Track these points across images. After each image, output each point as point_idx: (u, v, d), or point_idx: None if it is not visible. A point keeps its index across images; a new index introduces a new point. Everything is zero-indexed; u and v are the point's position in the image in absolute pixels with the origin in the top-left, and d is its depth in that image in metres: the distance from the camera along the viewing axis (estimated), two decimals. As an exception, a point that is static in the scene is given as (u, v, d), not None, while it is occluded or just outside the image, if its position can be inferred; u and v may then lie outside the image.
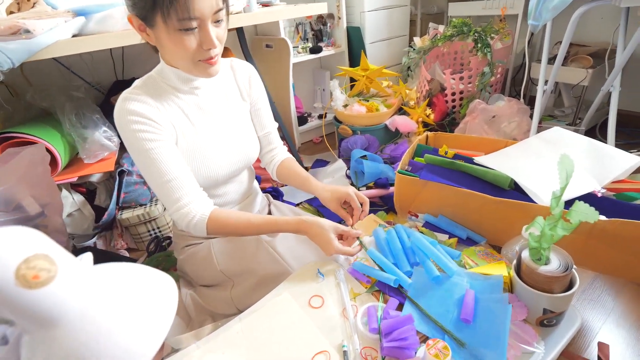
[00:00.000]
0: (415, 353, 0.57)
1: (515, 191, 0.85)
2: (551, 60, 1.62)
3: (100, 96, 1.58)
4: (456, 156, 1.01)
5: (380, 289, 0.72)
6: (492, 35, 1.68)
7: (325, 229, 0.76)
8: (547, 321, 0.62)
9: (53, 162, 1.17)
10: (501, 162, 0.89)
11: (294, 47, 1.96)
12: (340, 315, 0.69)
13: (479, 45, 1.59)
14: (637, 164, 0.81)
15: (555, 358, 0.60)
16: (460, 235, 0.84)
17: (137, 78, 1.71)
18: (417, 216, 0.95)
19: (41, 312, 0.27)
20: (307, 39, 2.12)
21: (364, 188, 1.49)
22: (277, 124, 1.07)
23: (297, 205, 1.48)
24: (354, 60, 2.15)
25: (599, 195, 0.79)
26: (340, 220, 1.31)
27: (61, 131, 1.27)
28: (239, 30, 1.43)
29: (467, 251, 0.79)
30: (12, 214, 0.78)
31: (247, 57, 1.46)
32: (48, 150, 1.16)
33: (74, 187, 1.36)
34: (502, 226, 0.82)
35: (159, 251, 1.29)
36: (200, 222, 0.77)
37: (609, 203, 0.78)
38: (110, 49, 1.52)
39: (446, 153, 1.01)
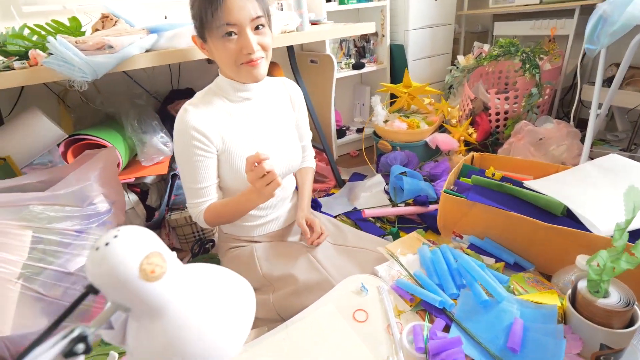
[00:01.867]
0: (464, 376, 0.57)
1: (567, 218, 0.82)
2: (604, 82, 1.56)
3: (157, 104, 1.70)
4: (504, 179, 0.99)
5: (426, 308, 0.72)
6: (541, 56, 1.64)
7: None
8: (604, 357, 0.60)
9: (115, 163, 1.28)
10: (553, 188, 0.86)
11: (337, 63, 2.02)
12: (384, 331, 0.69)
13: (527, 66, 1.56)
14: None
15: (613, 398, 0.57)
16: (507, 260, 0.83)
17: (191, 88, 1.82)
18: (461, 237, 0.94)
19: (152, 302, 0.31)
20: (350, 55, 2.18)
21: (403, 204, 1.49)
22: (311, 134, 1.16)
23: (335, 217, 1.51)
24: (395, 77, 2.17)
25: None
26: (379, 235, 1.32)
27: (123, 135, 1.38)
28: (289, 48, 1.50)
29: (515, 277, 0.78)
30: (86, 210, 0.87)
31: (295, 73, 1.52)
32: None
33: (130, 187, 1.47)
34: (553, 254, 0.80)
35: (202, 253, 1.35)
36: (200, 216, 0.89)
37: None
38: (169, 62, 1.64)
39: (493, 175, 1.00)
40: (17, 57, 0.93)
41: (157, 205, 1.52)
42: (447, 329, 0.68)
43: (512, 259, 0.83)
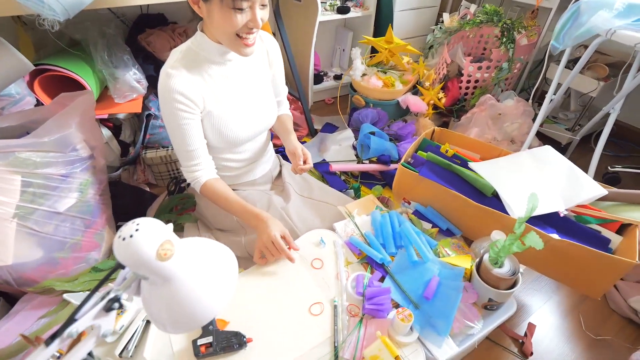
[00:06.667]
0: (387, 315, 0.77)
1: (495, 199, 1.00)
2: (570, 62, 1.66)
3: (125, 29, 1.59)
4: (455, 156, 1.14)
5: (369, 262, 0.90)
6: (520, 29, 1.69)
7: (270, 228, 0.89)
8: (490, 307, 0.82)
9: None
10: (490, 171, 1.02)
11: (321, 3, 1.93)
12: (334, 278, 0.87)
13: (505, 39, 1.61)
14: (601, 194, 0.96)
15: (489, 333, 0.80)
16: (441, 226, 1.01)
17: (162, 14, 1.68)
18: (409, 203, 1.11)
19: (164, 274, 0.42)
20: (336, -4, 2.06)
21: (367, 161, 1.63)
22: (287, 90, 1.19)
23: (305, 167, 1.62)
24: (379, 25, 2.12)
25: (562, 215, 0.95)
26: (343, 189, 1.47)
27: (93, 67, 1.33)
28: (273, -12, 1.42)
29: (443, 242, 0.97)
30: (69, 156, 0.91)
31: (277, 16, 1.47)
32: (83, 86, 1.25)
33: (102, 121, 1.46)
34: (477, 226, 0.99)
35: (178, 192, 1.44)
36: (197, 185, 0.98)
37: (567, 223, 0.94)
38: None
39: (447, 152, 1.14)
40: (-24, -18, 0.85)
41: (130, 141, 1.54)
42: (382, 279, 0.87)
43: (445, 226, 1.02)
